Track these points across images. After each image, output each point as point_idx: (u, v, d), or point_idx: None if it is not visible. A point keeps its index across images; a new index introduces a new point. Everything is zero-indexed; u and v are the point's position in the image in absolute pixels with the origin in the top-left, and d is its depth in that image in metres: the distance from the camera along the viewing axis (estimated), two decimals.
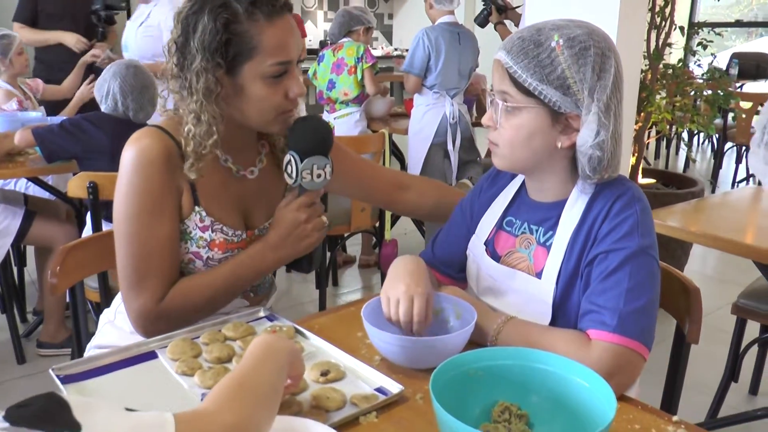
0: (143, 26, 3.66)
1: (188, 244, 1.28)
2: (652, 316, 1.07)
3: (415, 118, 3.56)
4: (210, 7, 1.17)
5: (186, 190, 1.26)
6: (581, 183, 1.15)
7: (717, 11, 9.65)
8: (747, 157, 6.00)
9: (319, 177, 1.23)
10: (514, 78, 1.11)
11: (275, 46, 1.19)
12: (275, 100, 1.22)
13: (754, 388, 2.67)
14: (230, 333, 1.19)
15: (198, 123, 1.21)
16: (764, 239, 1.95)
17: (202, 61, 1.17)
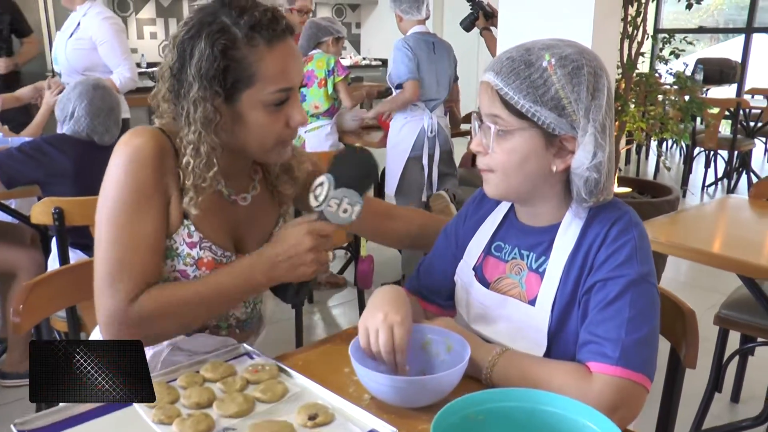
0: (73, 38, 3.52)
1: (175, 262, 1.21)
2: (654, 345, 1.03)
3: (393, 131, 3.51)
4: (207, 32, 1.11)
5: (175, 199, 1.19)
6: (575, 207, 1.11)
7: (678, 17, 9.81)
8: (716, 161, 6.11)
9: (345, 212, 1.13)
10: (506, 100, 1.06)
11: (275, 73, 1.13)
12: (275, 128, 1.17)
13: (736, 396, 2.67)
14: (209, 374, 1.11)
15: (197, 155, 1.14)
16: (746, 252, 1.94)
17: (199, 89, 1.11)
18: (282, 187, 1.34)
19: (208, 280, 1.19)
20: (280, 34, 1.14)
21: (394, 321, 1.07)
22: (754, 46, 8.02)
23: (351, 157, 1.18)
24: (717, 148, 5.71)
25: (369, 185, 1.17)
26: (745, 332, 2.36)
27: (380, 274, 3.77)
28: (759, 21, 8.11)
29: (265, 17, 1.12)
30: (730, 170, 5.76)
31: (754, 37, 8.02)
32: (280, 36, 1.14)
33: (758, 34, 8.13)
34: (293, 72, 1.17)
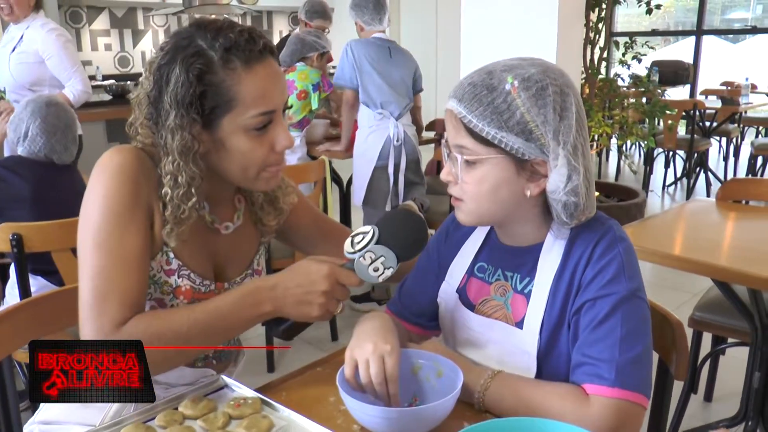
0: (16, 52, 3.35)
1: (151, 290, 1.15)
2: (649, 362, 1.01)
3: (359, 140, 3.47)
4: (182, 57, 1.05)
5: (157, 220, 1.12)
6: (556, 228, 1.08)
7: (630, 20, 10.01)
8: (674, 161, 6.23)
9: (376, 271, 1.05)
10: (470, 128, 1.02)
11: (255, 96, 1.07)
12: (259, 154, 1.11)
13: (709, 395, 2.70)
14: (189, 411, 1.06)
15: (175, 185, 1.08)
16: (716, 255, 1.96)
17: (176, 117, 1.05)
18: (265, 218, 1.29)
19: (207, 307, 1.09)
20: (258, 54, 1.08)
21: (384, 351, 1.03)
22: (703, 48, 8.23)
23: (405, 220, 1.10)
24: (676, 148, 5.82)
25: (412, 254, 1.09)
26: (718, 333, 2.39)
27: None
28: (707, 23, 8.33)
29: (242, 38, 1.07)
30: (689, 170, 5.87)
31: (703, 39, 8.22)
32: (258, 57, 1.08)
33: (707, 36, 8.35)
34: (275, 93, 1.11)
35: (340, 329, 3.24)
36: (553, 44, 2.83)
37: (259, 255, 1.32)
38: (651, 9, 3.26)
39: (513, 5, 2.93)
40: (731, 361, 2.76)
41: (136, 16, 6.97)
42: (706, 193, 5.88)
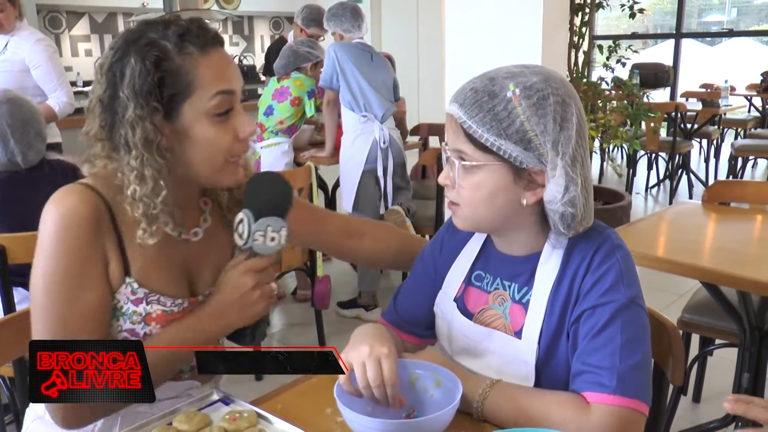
0: (0, 60, 3.32)
1: (121, 321, 1.12)
2: (649, 369, 1.01)
3: (345, 145, 3.45)
4: (135, 49, 1.04)
5: (115, 258, 1.10)
6: (554, 237, 1.07)
7: (610, 23, 10.11)
8: (657, 163, 6.28)
9: (273, 240, 1.09)
10: (470, 134, 1.02)
11: (214, 77, 1.07)
12: (224, 141, 1.09)
13: (697, 396, 2.71)
14: (183, 426, 1.03)
15: (142, 181, 1.06)
16: (704, 258, 1.96)
17: (136, 108, 1.03)
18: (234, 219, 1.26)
19: (157, 341, 1.11)
20: (211, 41, 1.09)
21: (380, 353, 1.02)
22: (682, 51, 8.32)
23: (260, 183, 1.13)
24: (659, 150, 5.87)
25: (287, 205, 1.13)
26: (706, 335, 2.40)
27: (336, 292, 3.70)
28: (685, 27, 8.43)
29: (193, 25, 1.07)
30: (672, 172, 5.92)
31: (682, 42, 8.31)
32: (212, 43, 1.09)
33: (686, 39, 8.45)
34: (232, 75, 1.11)
35: (328, 335, 3.22)
36: (538, 48, 2.84)
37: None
38: (634, 13, 3.28)
39: (497, 9, 2.94)
40: (719, 362, 2.78)
41: (117, 22, 6.91)
42: (688, 195, 5.94)
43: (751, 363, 2.04)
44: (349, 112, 3.40)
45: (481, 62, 1.35)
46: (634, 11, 3.29)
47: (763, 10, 10.66)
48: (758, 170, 7.22)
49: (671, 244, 2.19)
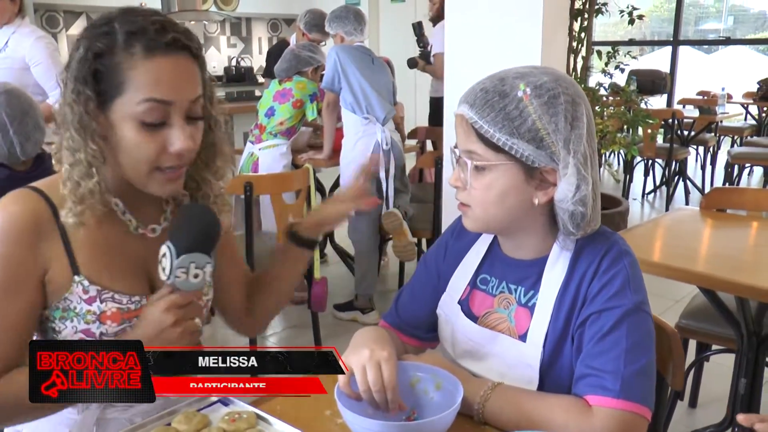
0: (1, 56, 3.32)
1: (75, 322, 1.10)
2: (653, 375, 1.01)
3: (347, 147, 3.44)
4: (91, 34, 1.04)
5: (58, 260, 1.09)
6: (562, 239, 1.07)
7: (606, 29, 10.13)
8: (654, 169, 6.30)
9: (197, 278, 1.04)
10: (481, 134, 1.02)
11: (148, 82, 1.02)
12: (149, 149, 1.04)
13: (693, 401, 2.71)
14: (182, 427, 1.03)
15: (75, 162, 1.05)
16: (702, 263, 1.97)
17: (72, 92, 1.03)
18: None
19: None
20: (164, 46, 1.03)
21: (380, 357, 1.02)
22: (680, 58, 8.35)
23: (187, 216, 1.08)
24: (655, 156, 5.89)
25: (214, 240, 1.07)
26: (703, 340, 2.40)
27: (333, 294, 3.69)
28: (683, 34, 8.46)
29: (152, 26, 1.03)
30: (668, 178, 5.93)
31: (679, 49, 8.34)
32: (164, 48, 1.03)
33: (683, 46, 8.48)
34: (171, 87, 1.04)
35: (324, 338, 3.21)
36: (538, 53, 2.84)
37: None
38: (633, 19, 3.29)
39: (496, 14, 2.94)
40: (715, 367, 2.78)
41: None
42: (685, 201, 5.95)
43: (749, 369, 2.05)
44: (350, 115, 3.40)
45: (480, 67, 1.35)
46: (633, 17, 3.30)
47: (759, 19, 10.70)
48: (754, 178, 7.25)
49: (669, 250, 2.19)
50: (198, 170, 1.18)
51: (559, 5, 2.97)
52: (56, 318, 1.10)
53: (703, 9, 11.05)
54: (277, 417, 1.05)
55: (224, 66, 8.03)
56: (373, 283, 3.53)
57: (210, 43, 8.03)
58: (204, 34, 7.96)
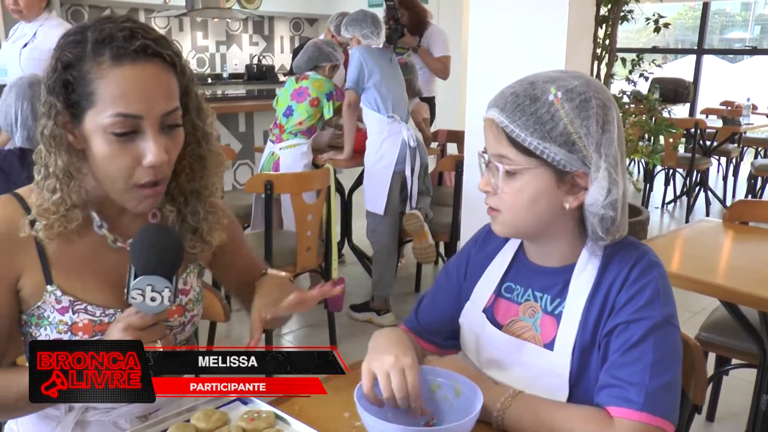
0: (29, 48, 3.36)
1: (48, 330, 1.09)
2: (678, 391, 1.00)
3: (372, 147, 3.43)
4: (60, 45, 1.01)
5: (31, 268, 1.08)
6: (591, 245, 1.07)
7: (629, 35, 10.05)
8: (674, 179, 6.24)
9: (153, 301, 1.00)
10: (512, 138, 1.01)
11: (115, 94, 0.97)
12: (122, 163, 1.00)
13: (711, 415, 2.68)
14: (201, 424, 1.03)
15: (46, 174, 1.03)
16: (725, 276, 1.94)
17: (44, 104, 1.01)
18: (187, 245, 1.16)
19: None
20: (132, 53, 0.97)
21: (405, 364, 1.02)
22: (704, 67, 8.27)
23: (148, 236, 1.03)
24: (677, 166, 5.83)
25: (175, 264, 1.03)
26: (723, 354, 2.37)
27: (350, 294, 3.70)
28: (707, 43, 8.37)
29: (121, 33, 0.98)
30: (689, 188, 5.87)
31: (704, 58, 8.26)
32: (132, 56, 0.98)
33: (708, 55, 8.39)
34: (140, 98, 0.98)
35: (340, 338, 3.21)
36: (562, 59, 2.82)
37: (186, 273, 1.21)
38: (659, 27, 3.26)
39: (522, 20, 2.92)
40: (734, 381, 2.75)
41: (138, 17, 6.96)
42: (705, 212, 5.89)
43: None
44: (374, 114, 3.40)
45: (504, 72, 1.35)
46: (659, 25, 3.27)
47: None
48: None
49: (689, 261, 2.16)
50: (185, 184, 1.14)
51: (585, 11, 2.95)
52: (32, 324, 1.10)
53: (729, 17, 10.95)
54: (295, 417, 1.06)
55: (246, 64, 8.07)
56: (389, 285, 3.53)
57: (232, 41, 8.08)
58: (227, 32, 8.00)
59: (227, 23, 7.94)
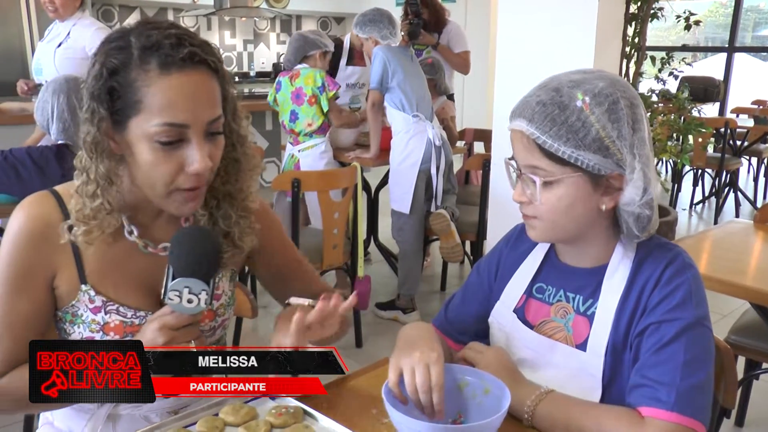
0: (63, 47, 3.43)
1: (81, 329, 1.11)
2: (710, 393, 0.99)
3: (398, 146, 3.43)
4: (106, 49, 1.01)
5: (66, 267, 1.10)
6: (624, 245, 1.07)
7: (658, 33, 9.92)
8: (703, 179, 6.14)
9: (191, 303, 1.02)
10: (545, 149, 1.00)
11: (163, 104, 0.98)
12: (166, 170, 1.01)
13: (741, 420, 2.64)
14: (230, 418, 1.05)
15: (86, 181, 1.04)
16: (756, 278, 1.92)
17: (87, 110, 1.01)
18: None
19: None
20: (180, 61, 0.98)
21: (430, 359, 1.02)
22: (735, 65, 8.12)
23: (187, 239, 1.05)
24: (706, 166, 5.75)
25: (213, 268, 1.05)
26: (753, 358, 2.33)
27: (376, 292, 3.71)
28: (739, 40, 8.23)
29: (167, 40, 0.98)
30: (718, 189, 5.78)
31: (735, 56, 8.12)
32: (180, 64, 0.98)
33: (739, 53, 8.24)
34: (187, 107, 0.99)
35: (365, 336, 3.22)
36: (590, 57, 2.80)
37: (219, 277, 1.21)
38: (690, 25, 3.22)
39: (551, 17, 2.91)
40: (765, 386, 2.71)
41: (167, 16, 7.04)
42: (735, 213, 5.80)
43: None
44: (399, 113, 3.40)
45: (532, 71, 1.34)
46: (689, 23, 3.22)
47: None
48: None
49: (720, 263, 2.14)
50: (220, 187, 1.14)
51: (614, 9, 2.92)
52: (66, 321, 1.13)
53: (762, 14, 10.74)
54: (323, 413, 1.07)
55: (273, 62, 8.11)
56: (415, 284, 3.54)
57: (259, 40, 8.13)
58: (254, 31, 8.05)
59: (255, 22, 7.99)
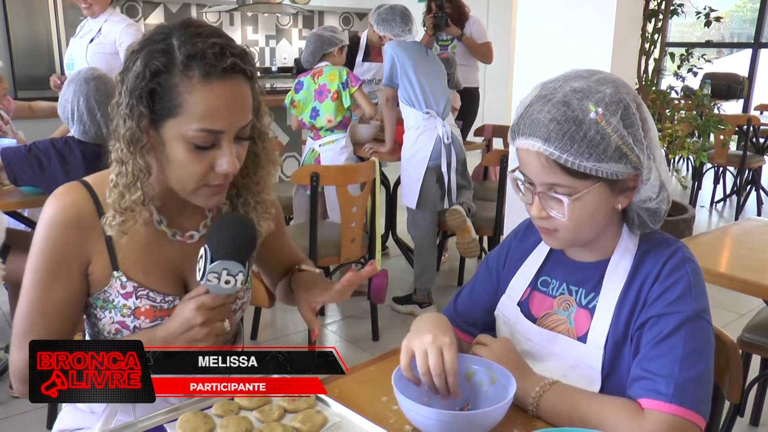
0: (95, 43, 3.51)
1: (112, 314, 1.16)
2: (709, 385, 1.01)
3: (408, 142, 3.47)
4: (149, 50, 1.04)
5: (100, 255, 1.15)
6: (627, 239, 1.09)
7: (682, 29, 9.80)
8: (725, 177, 6.08)
9: (228, 284, 1.06)
10: (567, 167, 1.01)
11: (203, 111, 1.02)
12: (197, 169, 1.07)
13: (755, 419, 2.63)
14: (245, 402, 1.09)
15: (121, 173, 1.09)
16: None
17: (127, 106, 1.04)
18: None
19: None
20: (221, 72, 1.02)
21: (443, 343, 1.05)
22: (760, 61, 8.00)
23: (226, 223, 1.10)
24: (727, 164, 5.69)
25: (250, 251, 1.10)
26: (767, 356, 2.33)
27: (393, 287, 3.74)
28: (765, 36, 8.10)
29: (211, 50, 1.02)
30: (740, 187, 5.73)
31: (761, 52, 8.00)
32: (221, 74, 1.02)
33: (766, 49, 8.12)
34: (226, 115, 1.04)
35: (382, 330, 3.26)
36: (608, 54, 2.80)
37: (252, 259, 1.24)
38: (710, 21, 3.20)
39: (569, 14, 2.91)
40: None
41: (190, 12, 7.11)
42: (756, 212, 5.74)
43: None
44: (410, 109, 3.43)
45: (550, 67, 1.35)
46: (709, 19, 3.20)
47: None
48: None
49: (736, 261, 2.14)
50: (239, 179, 1.19)
51: (633, 5, 2.92)
52: (97, 306, 1.17)
53: None
54: (335, 399, 1.10)
55: (294, 58, 8.16)
56: (431, 279, 3.56)
57: (282, 35, 8.18)
58: (276, 26, 8.10)
59: (277, 18, 8.04)
